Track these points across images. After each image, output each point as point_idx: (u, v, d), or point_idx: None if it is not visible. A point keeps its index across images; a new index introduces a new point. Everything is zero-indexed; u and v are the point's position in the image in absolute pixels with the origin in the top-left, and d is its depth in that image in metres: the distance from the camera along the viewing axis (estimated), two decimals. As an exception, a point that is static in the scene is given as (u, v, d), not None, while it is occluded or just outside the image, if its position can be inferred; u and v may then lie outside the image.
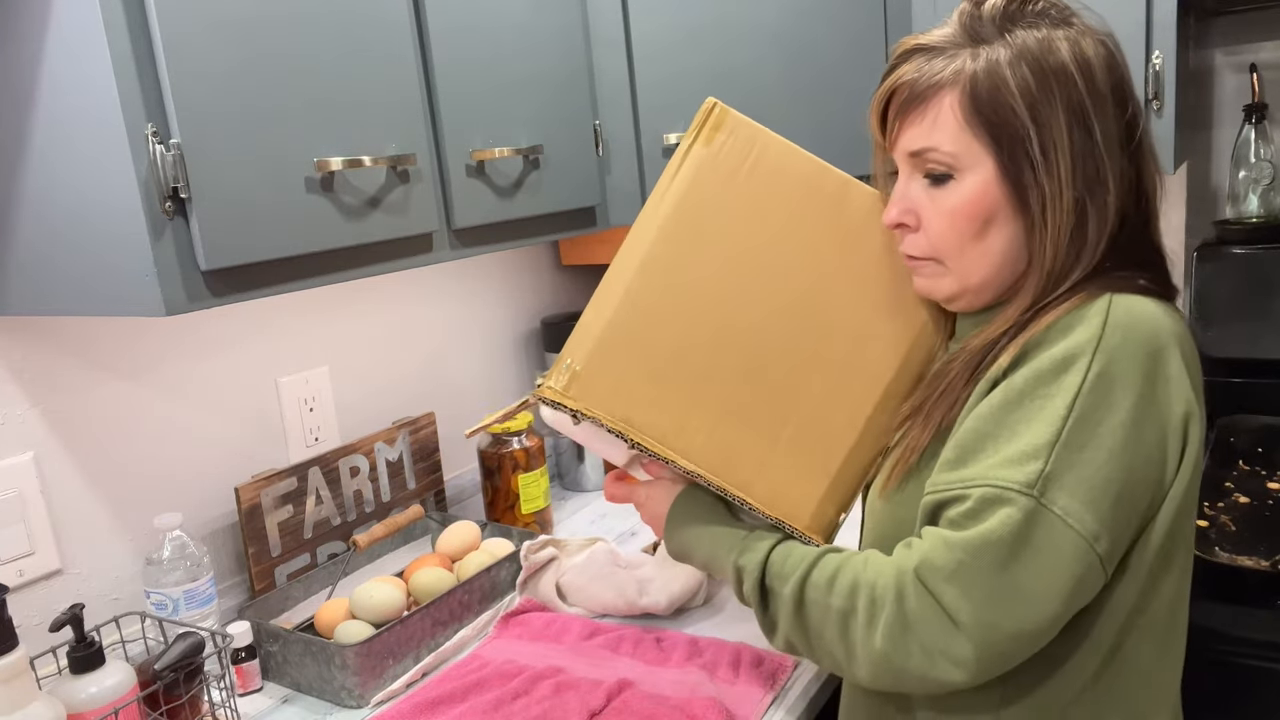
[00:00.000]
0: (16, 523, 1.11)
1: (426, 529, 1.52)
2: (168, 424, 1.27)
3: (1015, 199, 0.82)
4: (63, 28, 0.87)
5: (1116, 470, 0.75)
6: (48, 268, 0.97)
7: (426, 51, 1.14)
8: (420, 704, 1.09)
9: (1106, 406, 0.75)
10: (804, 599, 0.84)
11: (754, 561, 0.87)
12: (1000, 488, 0.75)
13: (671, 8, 1.43)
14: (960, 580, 0.75)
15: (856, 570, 0.81)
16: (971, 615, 0.74)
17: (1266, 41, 1.67)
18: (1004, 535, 0.74)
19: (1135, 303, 0.80)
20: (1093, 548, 0.74)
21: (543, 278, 1.93)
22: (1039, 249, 0.82)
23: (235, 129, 0.93)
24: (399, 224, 1.11)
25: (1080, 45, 0.81)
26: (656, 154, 1.46)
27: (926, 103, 0.83)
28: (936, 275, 0.88)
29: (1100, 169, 0.81)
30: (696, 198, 0.93)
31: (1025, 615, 0.75)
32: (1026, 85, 0.79)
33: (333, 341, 1.49)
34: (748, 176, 0.94)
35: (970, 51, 0.81)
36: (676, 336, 0.91)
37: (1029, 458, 0.75)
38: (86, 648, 0.96)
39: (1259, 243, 1.65)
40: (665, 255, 0.92)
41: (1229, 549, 1.24)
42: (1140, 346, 0.77)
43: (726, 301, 0.92)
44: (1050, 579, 0.74)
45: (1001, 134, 0.80)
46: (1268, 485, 1.42)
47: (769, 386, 0.92)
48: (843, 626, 0.81)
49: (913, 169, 0.86)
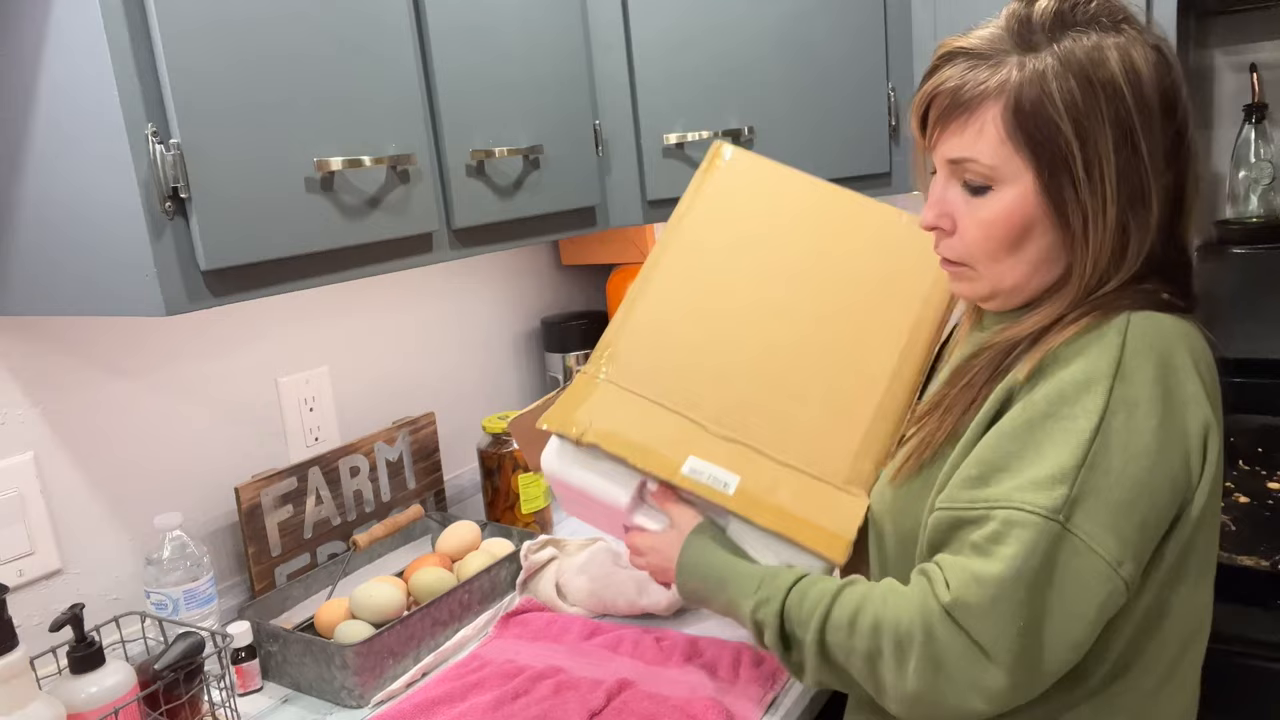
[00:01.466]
0: (16, 523, 1.11)
1: (426, 529, 1.52)
2: (168, 424, 1.27)
3: (1054, 214, 0.80)
4: (63, 28, 0.87)
5: (1142, 494, 0.75)
6: (48, 268, 0.97)
7: (426, 51, 1.15)
8: (420, 704, 1.09)
9: (1130, 429, 0.75)
10: (825, 643, 0.83)
11: (771, 613, 0.86)
12: (1026, 511, 0.74)
13: (671, 8, 1.43)
14: (994, 616, 0.74)
15: (877, 608, 0.80)
16: (1005, 648, 0.74)
17: (1266, 41, 1.67)
18: (1032, 564, 0.73)
19: (1153, 321, 0.79)
20: (1117, 572, 0.74)
21: (543, 278, 1.93)
22: (1079, 263, 0.81)
23: (235, 129, 0.93)
24: (399, 224, 1.11)
25: (1131, 55, 0.78)
26: (656, 154, 1.46)
27: (969, 113, 0.81)
28: (970, 279, 0.87)
29: (1145, 185, 0.79)
30: (705, 216, 1.09)
31: (1054, 641, 0.75)
32: (1073, 100, 0.77)
33: (333, 341, 1.49)
34: (750, 198, 1.10)
35: (1017, 60, 0.79)
36: (697, 330, 1.02)
37: (1056, 482, 0.74)
38: (86, 647, 0.96)
39: (1259, 243, 1.65)
40: (681, 265, 1.06)
41: (1229, 549, 1.24)
42: (1159, 367, 0.77)
43: (739, 298, 1.04)
44: (1077, 605, 0.74)
45: (1044, 150, 0.78)
46: (1268, 485, 1.42)
47: (787, 365, 1.00)
48: (870, 667, 0.80)
49: (950, 175, 0.84)
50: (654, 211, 1.49)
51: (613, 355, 1.02)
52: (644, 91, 1.44)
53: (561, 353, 1.82)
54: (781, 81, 1.49)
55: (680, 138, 1.45)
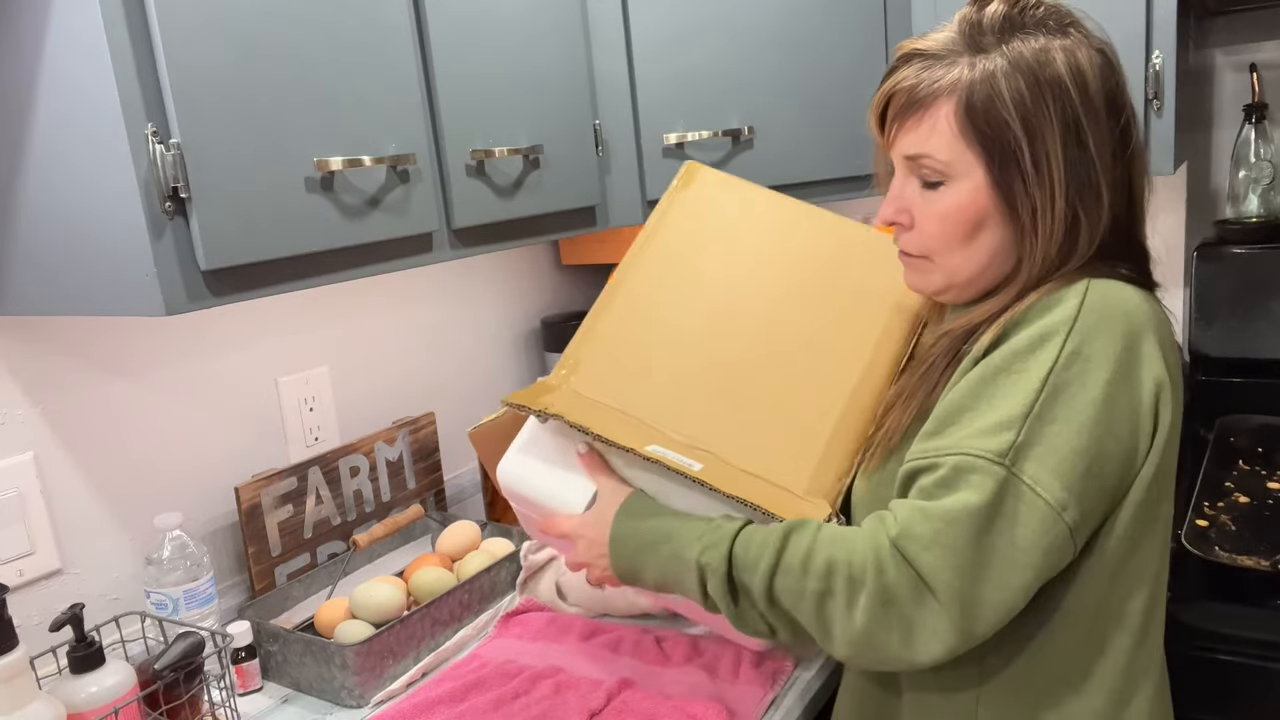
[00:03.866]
0: (16, 523, 1.11)
1: (426, 529, 1.52)
2: (168, 424, 1.27)
3: (1005, 207, 0.84)
4: (63, 28, 0.87)
5: (1087, 443, 0.77)
6: (48, 268, 0.97)
7: (426, 51, 1.14)
8: (420, 704, 1.09)
9: (1079, 382, 0.78)
10: (774, 587, 0.82)
11: (718, 556, 0.84)
12: (974, 456, 0.77)
13: (671, 7, 1.43)
14: (938, 548, 0.76)
15: (829, 549, 0.81)
16: (947, 584, 0.76)
17: (1266, 41, 1.67)
18: (978, 503, 0.76)
19: (1112, 286, 0.82)
20: (1060, 517, 0.76)
21: (543, 278, 1.93)
22: (1028, 254, 0.85)
23: (235, 128, 0.93)
24: (399, 224, 1.11)
25: (1075, 56, 0.82)
26: (656, 154, 1.46)
27: (923, 110, 0.84)
28: (926, 271, 0.90)
29: (1093, 179, 0.83)
30: (674, 233, 1.10)
31: (997, 583, 0.76)
32: (1021, 98, 0.81)
33: (333, 341, 1.49)
34: (719, 216, 1.11)
35: (968, 60, 0.83)
36: (661, 342, 1.02)
37: (1002, 428, 0.77)
38: (86, 647, 0.96)
39: (1259, 243, 1.65)
40: (647, 280, 1.07)
41: (1229, 549, 1.24)
42: (1114, 325, 0.80)
43: (705, 312, 1.04)
44: (1020, 547, 0.76)
45: (994, 146, 0.82)
46: (1268, 485, 1.42)
47: (751, 379, 1.00)
48: (819, 608, 0.80)
49: (908, 171, 0.88)
50: (654, 211, 1.49)
51: (575, 365, 1.02)
52: (644, 91, 1.44)
53: (561, 352, 1.82)
54: (781, 81, 1.49)
55: (680, 138, 1.45)
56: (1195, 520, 1.32)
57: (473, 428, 1.07)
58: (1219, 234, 1.72)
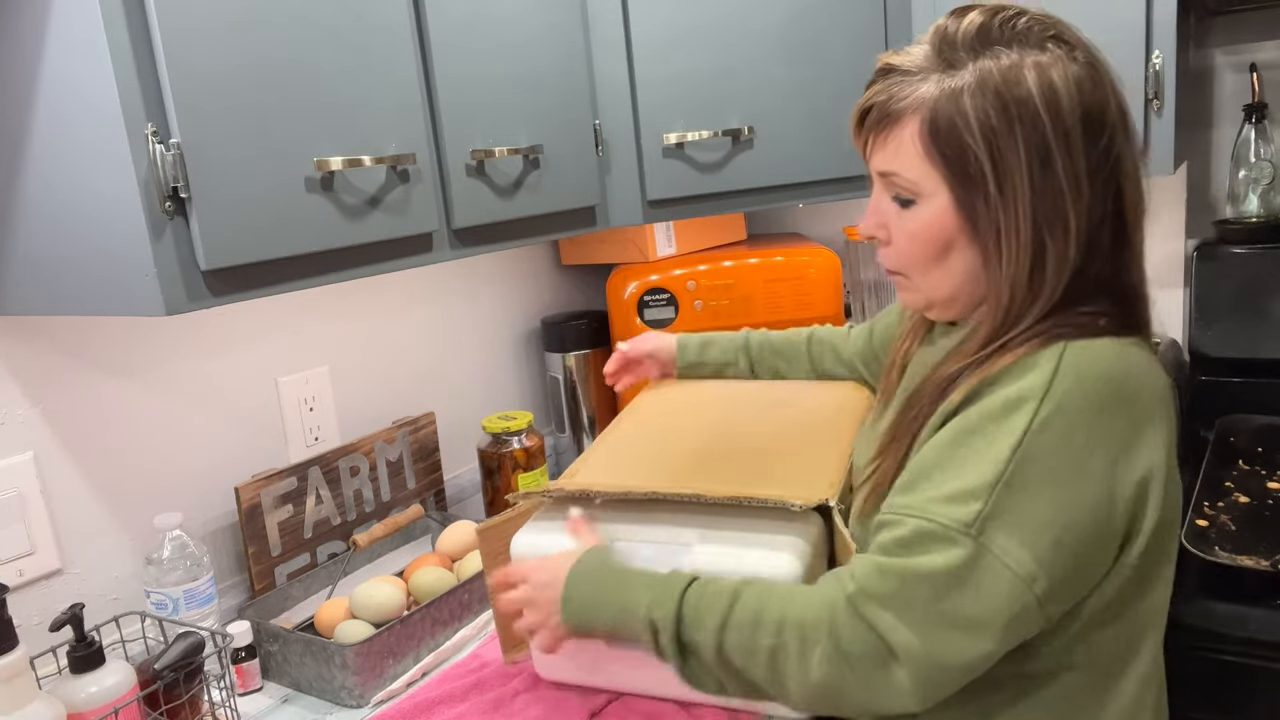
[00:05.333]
0: (16, 523, 1.11)
1: (426, 529, 1.52)
2: (168, 424, 1.27)
3: (971, 229, 0.81)
4: (63, 27, 0.87)
5: (1058, 514, 0.75)
6: (48, 267, 0.97)
7: (426, 51, 1.14)
8: (420, 704, 1.09)
9: (1053, 449, 0.75)
10: (724, 644, 0.81)
11: (666, 615, 0.83)
12: (939, 524, 0.75)
13: (671, 7, 1.43)
14: (895, 607, 0.75)
15: (782, 606, 0.80)
16: (907, 643, 0.75)
17: (1266, 41, 1.67)
18: (942, 570, 0.75)
19: (1090, 349, 0.78)
20: (1029, 588, 0.74)
21: (543, 278, 1.93)
22: (994, 281, 0.82)
23: (235, 129, 0.93)
24: (399, 224, 1.11)
25: (1050, 75, 0.78)
26: (656, 154, 1.46)
27: (891, 127, 0.83)
28: (907, 289, 0.90)
29: (1061, 206, 0.79)
30: (652, 400, 1.32)
31: (960, 648, 0.75)
32: (986, 119, 0.77)
33: (333, 341, 1.49)
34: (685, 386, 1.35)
35: (936, 77, 0.80)
36: (645, 449, 1.16)
37: (971, 497, 0.75)
38: (86, 647, 0.96)
39: (1259, 243, 1.65)
40: (633, 424, 1.24)
41: (1229, 549, 1.24)
42: (1091, 394, 0.76)
43: (682, 430, 1.19)
44: (985, 616, 0.75)
45: (958, 167, 0.79)
46: (1268, 485, 1.42)
47: (733, 453, 1.12)
48: (772, 664, 0.80)
49: (883, 187, 0.86)
50: (654, 211, 1.49)
51: (573, 474, 1.10)
52: (644, 91, 1.44)
53: (561, 352, 1.82)
54: (782, 81, 1.49)
55: (680, 138, 1.45)
56: (1195, 520, 1.32)
57: (481, 525, 1.11)
58: (1219, 234, 1.72)
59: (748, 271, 1.73)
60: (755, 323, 1.73)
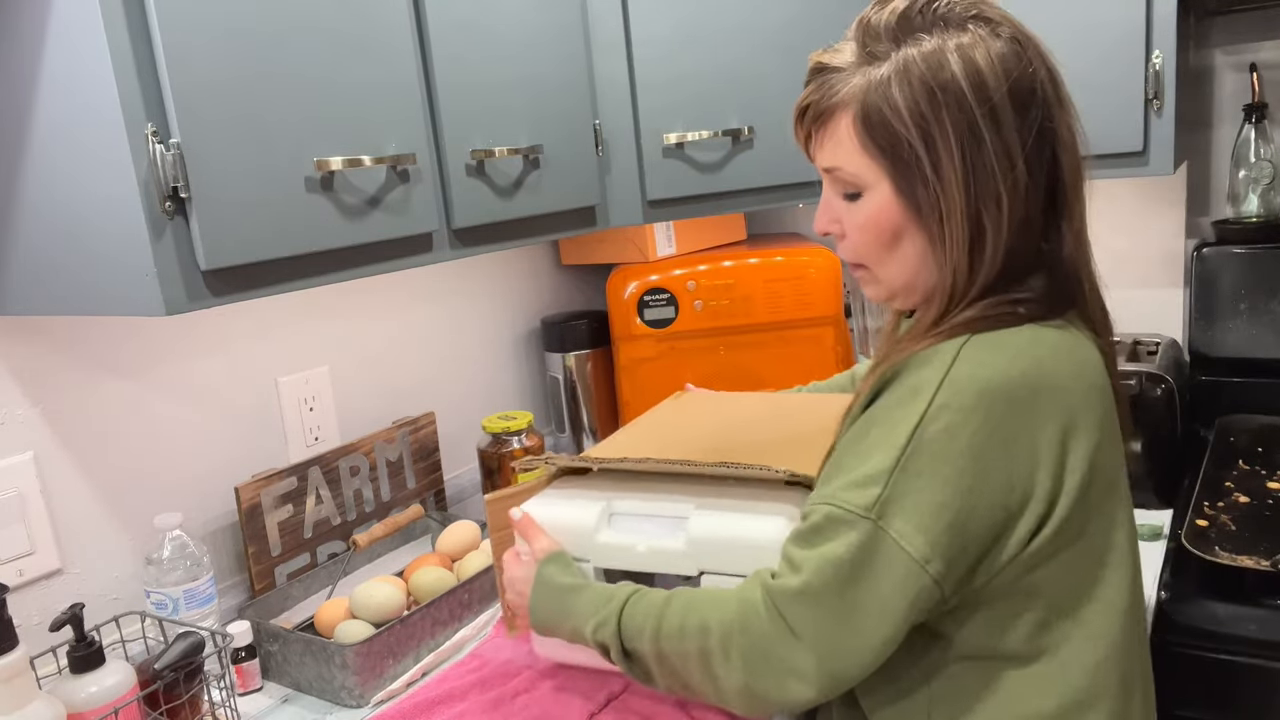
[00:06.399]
0: (16, 523, 1.11)
1: (426, 529, 1.52)
2: (168, 424, 1.27)
3: (915, 215, 0.83)
4: (63, 27, 0.87)
5: (951, 497, 0.76)
6: (48, 268, 0.97)
7: (426, 51, 1.14)
8: (420, 703, 1.09)
9: (945, 436, 0.77)
10: (663, 652, 0.86)
11: (609, 634, 0.89)
12: (843, 509, 0.78)
13: (671, 8, 1.43)
14: (805, 599, 0.79)
15: (703, 610, 0.85)
16: (813, 631, 0.78)
17: (1266, 41, 1.67)
18: (844, 555, 0.77)
19: (992, 340, 0.80)
20: (925, 570, 0.77)
21: (543, 278, 1.93)
22: (942, 261, 0.83)
23: (235, 128, 0.93)
24: (399, 224, 1.11)
25: (973, 55, 0.79)
26: (656, 154, 1.46)
27: (827, 124, 0.84)
28: (869, 281, 0.91)
29: (995, 184, 0.80)
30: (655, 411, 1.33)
31: (861, 632, 0.78)
32: (915, 106, 0.79)
33: (333, 341, 1.49)
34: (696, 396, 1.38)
35: (863, 71, 0.81)
36: (648, 434, 1.19)
37: (871, 482, 0.78)
38: (86, 647, 0.96)
39: (1259, 243, 1.65)
40: (637, 426, 1.25)
41: (1229, 549, 1.24)
42: (988, 381, 0.77)
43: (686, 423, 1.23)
44: (884, 598, 0.77)
45: (894, 156, 0.81)
46: (1268, 485, 1.42)
47: (730, 440, 1.13)
48: (704, 667, 0.84)
49: (830, 183, 0.88)
50: (654, 211, 1.49)
51: (585, 457, 1.13)
52: (644, 91, 1.44)
53: (561, 352, 1.82)
54: (781, 81, 1.48)
55: (680, 138, 1.45)
56: (1195, 520, 1.32)
57: (490, 496, 1.14)
58: (1219, 234, 1.71)
59: (748, 271, 1.73)
60: (755, 322, 1.73)
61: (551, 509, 1.06)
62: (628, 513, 1.04)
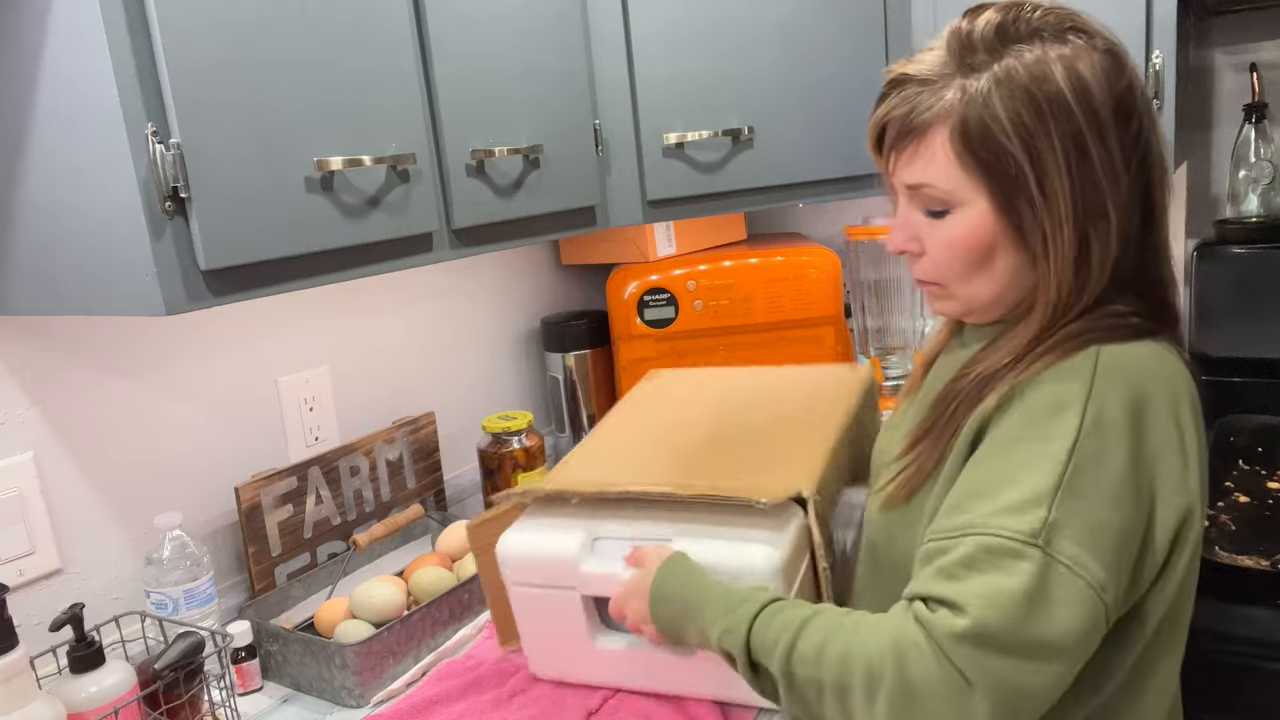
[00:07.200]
0: (16, 523, 1.11)
1: (426, 529, 1.52)
2: (168, 424, 1.27)
3: (1014, 233, 0.80)
4: (63, 27, 0.87)
5: (1115, 518, 0.73)
6: (48, 267, 0.97)
7: (426, 51, 1.14)
8: (419, 703, 1.09)
9: (1104, 452, 0.73)
10: (792, 675, 0.78)
11: (737, 643, 0.82)
12: (1003, 537, 0.72)
13: (671, 7, 1.43)
14: (975, 639, 0.70)
15: (846, 639, 0.76)
16: (986, 675, 0.70)
17: (1266, 41, 1.67)
18: (1017, 588, 0.70)
19: (1124, 353, 0.78)
20: (1101, 597, 0.71)
21: (543, 277, 1.93)
22: (1043, 280, 0.80)
23: (235, 128, 0.93)
24: (399, 224, 1.11)
25: (1076, 67, 0.77)
26: (656, 154, 1.46)
27: (918, 139, 0.80)
28: (945, 298, 0.87)
29: (1102, 198, 0.78)
30: (633, 398, 1.34)
31: (1041, 670, 0.71)
32: (1020, 120, 0.76)
33: (333, 341, 1.49)
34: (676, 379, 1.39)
35: (960, 83, 0.78)
36: (622, 446, 1.18)
37: (1032, 505, 0.72)
38: (86, 647, 0.96)
39: (1259, 243, 1.65)
40: (609, 426, 1.25)
41: (1229, 549, 1.24)
42: (1130, 398, 0.75)
43: (661, 424, 1.22)
44: (1064, 632, 0.70)
45: (995, 172, 0.78)
46: (1268, 485, 1.42)
47: (708, 452, 1.12)
48: (840, 701, 0.76)
49: (910, 199, 0.84)
50: (654, 211, 1.49)
51: (550, 478, 1.11)
52: (644, 91, 1.44)
53: (561, 352, 1.82)
54: (781, 81, 1.49)
55: (680, 138, 1.45)
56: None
57: (471, 522, 1.13)
58: (1219, 234, 1.72)
59: (748, 271, 1.73)
60: (755, 322, 1.74)
61: (533, 537, 1.04)
62: (610, 536, 1.02)
